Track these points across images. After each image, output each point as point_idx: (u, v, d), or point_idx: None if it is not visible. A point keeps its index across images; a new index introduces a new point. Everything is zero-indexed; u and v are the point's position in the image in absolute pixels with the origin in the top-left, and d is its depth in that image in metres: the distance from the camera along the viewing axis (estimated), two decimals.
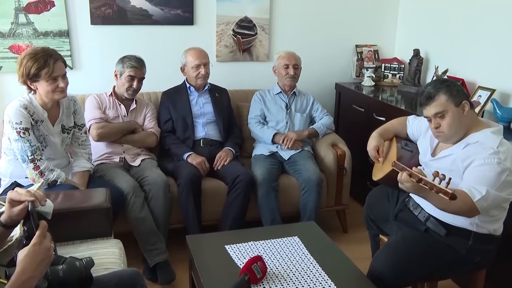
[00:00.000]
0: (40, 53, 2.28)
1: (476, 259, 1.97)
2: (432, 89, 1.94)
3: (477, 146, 1.88)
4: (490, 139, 1.87)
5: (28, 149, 2.31)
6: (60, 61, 2.34)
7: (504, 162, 1.80)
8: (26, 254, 1.27)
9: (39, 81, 2.29)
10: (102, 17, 3.34)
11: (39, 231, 1.32)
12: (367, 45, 4.00)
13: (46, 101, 2.38)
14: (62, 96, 2.38)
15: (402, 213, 2.20)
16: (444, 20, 3.49)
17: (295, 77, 3.26)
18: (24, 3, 3.17)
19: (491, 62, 3.09)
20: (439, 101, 1.91)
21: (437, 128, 1.95)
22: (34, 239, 1.30)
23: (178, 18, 3.50)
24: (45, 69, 2.26)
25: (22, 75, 2.29)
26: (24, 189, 1.47)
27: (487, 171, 1.80)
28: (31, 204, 1.42)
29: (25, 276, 1.24)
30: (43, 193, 1.51)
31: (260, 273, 1.79)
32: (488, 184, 1.78)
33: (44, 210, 1.49)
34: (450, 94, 1.91)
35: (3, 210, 1.46)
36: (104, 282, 1.63)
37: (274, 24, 3.75)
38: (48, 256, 1.32)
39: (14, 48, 3.23)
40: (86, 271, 1.52)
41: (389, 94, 3.68)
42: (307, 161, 3.08)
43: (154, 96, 3.33)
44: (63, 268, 1.48)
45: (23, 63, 2.27)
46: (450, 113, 1.91)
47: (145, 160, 2.94)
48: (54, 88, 2.32)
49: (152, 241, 2.63)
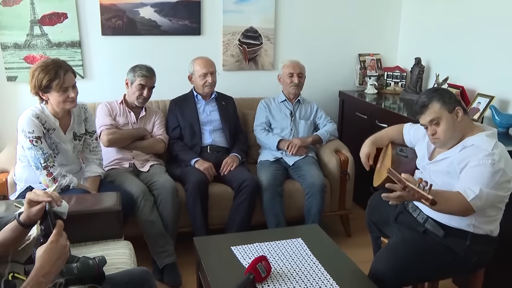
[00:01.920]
0: (51, 65, 2.32)
1: (473, 260, 2.00)
2: (425, 98, 2.01)
3: (472, 149, 1.93)
4: (485, 142, 1.92)
5: (41, 157, 2.36)
6: (70, 72, 2.39)
7: (498, 163, 1.85)
8: (44, 251, 1.34)
9: (51, 92, 2.34)
10: (113, 28, 3.41)
11: (56, 229, 1.39)
12: (370, 54, 4.05)
13: (57, 110, 2.43)
14: (72, 106, 2.44)
15: (402, 216, 2.24)
16: (445, 30, 3.54)
17: (299, 86, 3.31)
18: (39, 16, 3.25)
19: (490, 70, 3.12)
20: (433, 109, 1.98)
21: (434, 134, 2.02)
22: (52, 237, 1.37)
23: (186, 28, 3.56)
24: (56, 81, 2.31)
25: (34, 86, 2.34)
26: (41, 190, 1.53)
27: (481, 171, 1.85)
28: (48, 204, 1.48)
29: (43, 271, 1.31)
30: (59, 195, 1.58)
31: (264, 272, 1.83)
32: (482, 184, 1.83)
33: (60, 210, 1.55)
34: (443, 102, 1.98)
35: (22, 210, 1.53)
36: (115, 280, 1.68)
37: (279, 34, 3.81)
38: (64, 253, 1.38)
39: (29, 59, 3.31)
40: (99, 269, 1.58)
41: (392, 101, 3.72)
42: (311, 166, 3.12)
43: (162, 104, 3.40)
44: (77, 266, 1.54)
45: (34, 75, 2.32)
46: (444, 119, 1.98)
47: (154, 166, 3.00)
48: (65, 99, 2.37)
49: (161, 243, 2.68)
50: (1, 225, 1.62)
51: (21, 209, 1.55)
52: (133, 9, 3.42)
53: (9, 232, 1.54)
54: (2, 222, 1.69)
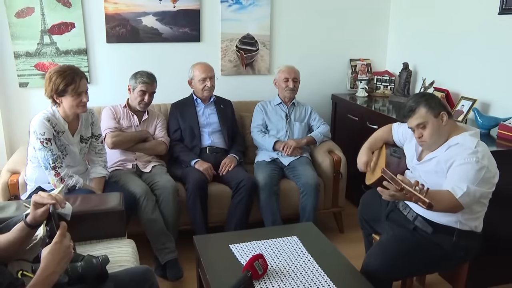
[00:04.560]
0: (68, 71, 2.34)
1: (460, 254, 2.00)
2: (413, 103, 2.00)
3: (457, 147, 1.92)
4: (469, 141, 1.92)
5: (50, 158, 2.36)
6: (84, 78, 2.41)
7: (482, 160, 1.84)
8: (49, 252, 1.31)
9: (65, 96, 2.35)
10: (117, 36, 3.40)
11: (60, 231, 1.36)
12: (361, 59, 4.03)
13: (69, 114, 2.43)
14: (83, 110, 2.45)
15: (393, 213, 2.22)
16: (431, 37, 3.52)
17: (294, 90, 3.29)
18: (49, 26, 3.24)
19: (473, 75, 3.12)
20: (420, 114, 1.98)
21: (420, 137, 2.01)
22: (55, 238, 1.34)
23: (186, 35, 3.54)
24: (72, 85, 2.33)
25: (51, 90, 2.34)
26: (46, 193, 1.51)
27: (467, 169, 1.84)
28: (52, 207, 1.46)
29: (48, 271, 1.29)
30: (63, 197, 1.55)
31: (261, 270, 1.80)
32: (469, 181, 1.82)
33: (64, 212, 1.53)
34: (429, 107, 1.97)
35: (29, 211, 1.51)
36: (118, 278, 1.66)
37: (274, 40, 3.79)
38: (68, 254, 1.36)
39: (39, 66, 3.30)
40: (102, 268, 1.55)
41: (381, 104, 3.71)
42: (306, 166, 3.10)
43: (164, 107, 3.37)
44: (82, 265, 1.51)
45: (52, 79, 2.33)
46: (430, 123, 1.97)
47: (156, 167, 2.97)
48: (78, 103, 2.38)
49: (162, 240, 2.65)
50: (11, 224, 1.61)
51: (29, 210, 1.52)
52: (136, 18, 3.40)
53: (17, 232, 1.52)
54: (12, 222, 1.68)
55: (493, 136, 2.73)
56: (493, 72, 2.95)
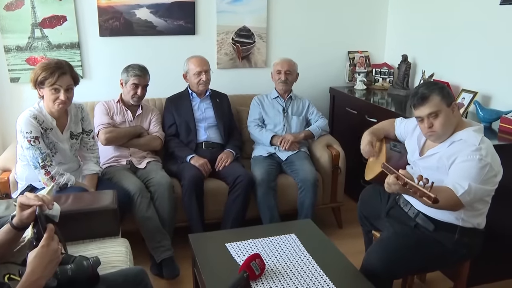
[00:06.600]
0: (52, 65, 2.28)
1: (462, 252, 1.95)
2: (425, 90, 1.90)
3: (461, 143, 1.86)
4: (472, 137, 1.86)
5: (39, 156, 2.29)
6: (69, 75, 2.30)
7: (485, 158, 1.78)
8: (35, 256, 1.25)
9: (44, 88, 2.29)
10: (110, 29, 3.32)
11: (46, 234, 1.30)
12: (359, 52, 3.97)
13: (53, 110, 2.35)
14: (61, 108, 2.34)
15: (393, 210, 2.17)
16: (430, 28, 3.46)
17: (286, 82, 3.22)
18: (40, 19, 3.16)
19: (474, 67, 3.06)
20: (433, 102, 1.88)
21: (430, 127, 1.91)
22: (42, 241, 1.28)
23: (181, 28, 3.47)
24: (49, 79, 2.26)
25: (31, 79, 2.32)
26: (32, 194, 1.44)
27: (469, 167, 1.78)
28: (39, 208, 1.39)
29: (34, 276, 1.23)
30: (51, 197, 1.49)
31: (258, 270, 1.75)
32: (471, 178, 1.76)
33: (52, 213, 1.46)
34: (443, 95, 1.88)
35: (15, 213, 1.44)
36: (110, 280, 1.61)
37: (271, 33, 3.72)
38: (56, 257, 1.30)
39: (31, 61, 3.22)
40: (93, 270, 1.49)
41: (380, 97, 3.65)
42: (304, 161, 3.04)
43: (158, 102, 3.30)
44: (72, 268, 1.45)
45: (35, 69, 2.31)
46: (443, 113, 1.88)
47: (151, 163, 2.91)
48: (54, 98, 2.30)
49: (158, 238, 2.60)
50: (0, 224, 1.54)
51: (15, 212, 1.46)
52: (130, 11, 3.32)
53: (3, 234, 1.46)
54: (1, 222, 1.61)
55: (494, 129, 2.67)
56: (495, 64, 2.89)
